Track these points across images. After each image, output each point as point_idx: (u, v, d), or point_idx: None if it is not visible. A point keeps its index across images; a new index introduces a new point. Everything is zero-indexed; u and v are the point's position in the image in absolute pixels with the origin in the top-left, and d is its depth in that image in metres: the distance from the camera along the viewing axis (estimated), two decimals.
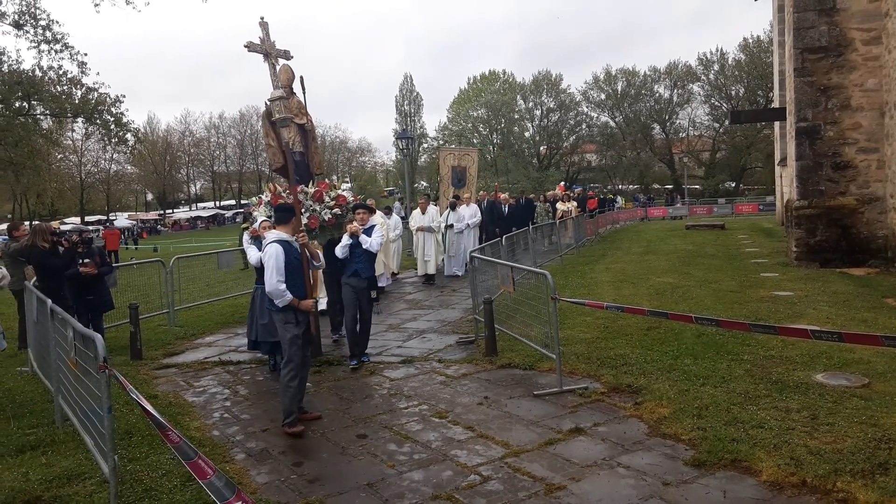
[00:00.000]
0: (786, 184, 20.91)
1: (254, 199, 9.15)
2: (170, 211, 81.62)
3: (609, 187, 64.93)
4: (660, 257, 16.60)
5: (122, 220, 67.41)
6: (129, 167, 71.14)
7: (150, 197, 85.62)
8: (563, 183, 51.98)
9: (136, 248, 42.21)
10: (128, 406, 6.16)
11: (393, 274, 14.92)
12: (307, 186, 8.62)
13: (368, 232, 7.76)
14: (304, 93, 8.70)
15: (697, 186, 63.84)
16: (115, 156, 63.65)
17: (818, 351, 6.87)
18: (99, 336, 4.23)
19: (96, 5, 23.07)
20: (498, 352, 7.82)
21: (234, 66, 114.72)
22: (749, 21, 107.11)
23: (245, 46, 7.58)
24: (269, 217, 7.85)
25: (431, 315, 10.81)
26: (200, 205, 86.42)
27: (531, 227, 16.33)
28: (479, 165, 23.53)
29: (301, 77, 8.57)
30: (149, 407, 3.58)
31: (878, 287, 10.70)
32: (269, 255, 5.63)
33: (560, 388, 6.32)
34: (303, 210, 7.92)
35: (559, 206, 21.61)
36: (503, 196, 20.24)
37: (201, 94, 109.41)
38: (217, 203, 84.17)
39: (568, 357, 7.18)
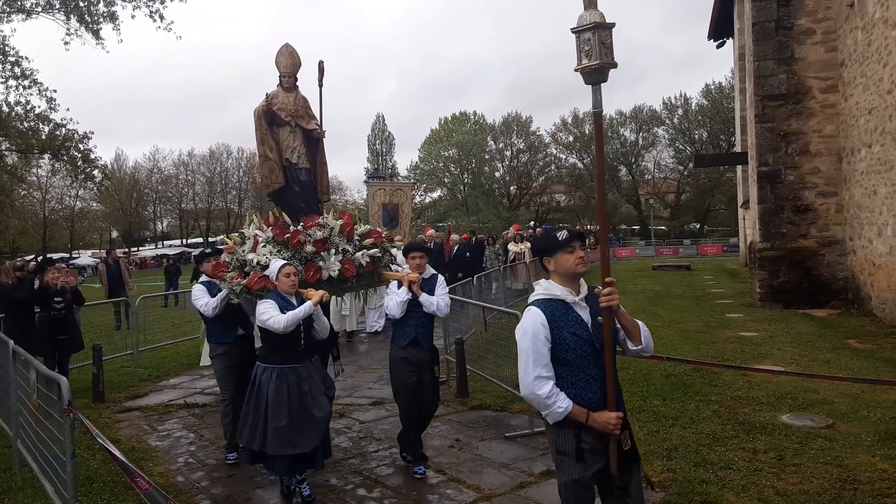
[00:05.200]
0: (749, 226, 21.43)
1: (233, 235, 6.09)
2: (135, 249, 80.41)
3: (578, 227, 65.72)
4: (628, 297, 16.78)
5: (84, 257, 66.18)
6: (94, 204, 70.17)
7: (114, 234, 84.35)
8: (533, 222, 52.51)
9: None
10: (89, 451, 6.00)
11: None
12: (322, 216, 6.03)
13: (431, 286, 5.62)
14: (320, 86, 6.55)
15: (663, 227, 64.98)
16: (80, 192, 62.79)
17: (783, 392, 6.98)
18: (64, 378, 4.15)
19: (66, 44, 23.04)
20: (469, 393, 7.79)
21: (207, 105, 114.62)
22: (712, 67, 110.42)
23: None
24: (289, 261, 5.32)
25: None
26: (167, 242, 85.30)
27: (484, 271, 15.30)
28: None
29: (320, 62, 6.58)
30: (117, 452, 3.51)
31: (840, 328, 10.95)
32: (522, 332, 3.13)
33: (531, 429, 6.31)
34: (332, 251, 5.63)
35: (511, 247, 19.65)
36: (453, 237, 17.58)
37: (175, 131, 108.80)
38: (184, 241, 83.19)
39: None
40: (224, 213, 78.57)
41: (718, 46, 25.99)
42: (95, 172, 26.48)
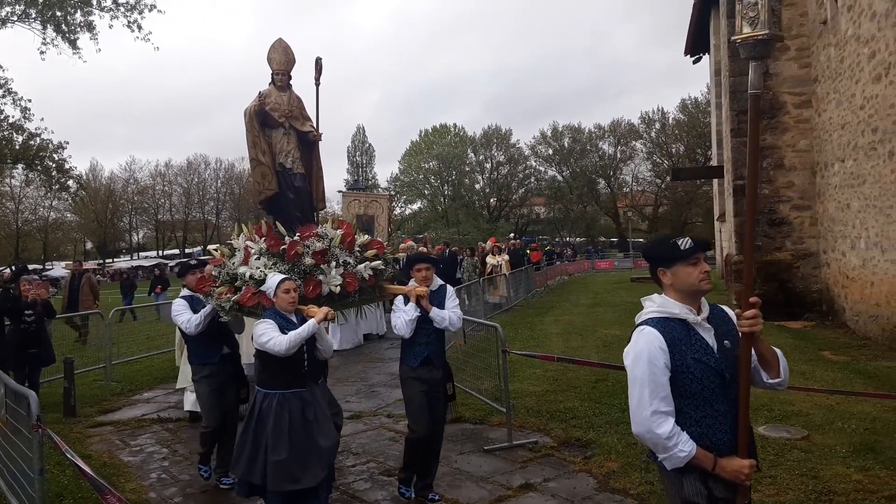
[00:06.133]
0: (725, 238, 21.66)
1: (221, 246, 5.61)
2: (110, 260, 79.35)
3: (557, 240, 66.09)
4: (607, 309, 16.84)
5: (58, 269, 65.16)
6: (68, 215, 69.26)
7: (89, 245, 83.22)
8: (512, 234, 52.66)
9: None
10: (59, 467, 5.86)
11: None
12: (319, 225, 5.56)
13: (440, 299, 5.18)
14: (317, 85, 6.00)
15: (641, 240, 65.57)
16: (54, 203, 61.96)
17: (759, 403, 7.01)
18: (33, 393, 4.06)
19: (42, 53, 22.80)
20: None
21: (185, 115, 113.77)
22: (689, 83, 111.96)
23: None
24: (287, 276, 4.78)
25: (381, 367, 10.68)
26: (142, 254, 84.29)
27: (458, 283, 15.00)
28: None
29: (318, 59, 6.03)
30: (87, 469, 3.43)
31: (815, 340, 11.08)
32: (636, 356, 2.68)
33: (510, 442, 6.29)
34: (332, 263, 5.16)
35: (488, 259, 19.21)
36: (422, 250, 16.28)
37: (152, 142, 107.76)
38: (160, 252, 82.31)
39: (518, 410, 7.17)
40: (201, 225, 77.95)
41: (695, 62, 26.36)
42: (70, 183, 26.19)
